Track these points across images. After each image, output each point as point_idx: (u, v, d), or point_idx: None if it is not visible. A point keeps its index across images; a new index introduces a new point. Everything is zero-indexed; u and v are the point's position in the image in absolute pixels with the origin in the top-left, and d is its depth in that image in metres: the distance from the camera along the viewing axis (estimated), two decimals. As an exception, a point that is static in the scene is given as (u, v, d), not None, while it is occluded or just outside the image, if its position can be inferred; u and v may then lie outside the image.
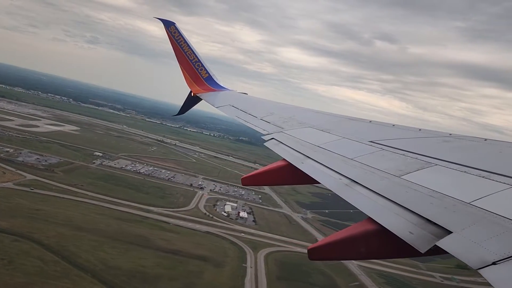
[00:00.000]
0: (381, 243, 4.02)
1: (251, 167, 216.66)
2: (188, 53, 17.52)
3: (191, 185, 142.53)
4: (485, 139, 5.92)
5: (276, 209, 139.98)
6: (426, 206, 3.92)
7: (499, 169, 4.40)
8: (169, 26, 17.33)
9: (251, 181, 6.93)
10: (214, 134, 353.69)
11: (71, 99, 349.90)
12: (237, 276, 76.91)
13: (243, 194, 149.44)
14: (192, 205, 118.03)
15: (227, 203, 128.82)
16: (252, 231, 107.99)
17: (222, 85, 18.18)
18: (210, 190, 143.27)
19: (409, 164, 5.20)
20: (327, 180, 5.42)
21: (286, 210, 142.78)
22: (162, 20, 17.53)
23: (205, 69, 17.86)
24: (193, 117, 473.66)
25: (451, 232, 3.32)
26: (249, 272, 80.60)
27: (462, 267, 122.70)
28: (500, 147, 5.51)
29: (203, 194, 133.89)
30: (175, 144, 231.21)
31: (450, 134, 6.53)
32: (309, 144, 7.25)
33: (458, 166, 4.76)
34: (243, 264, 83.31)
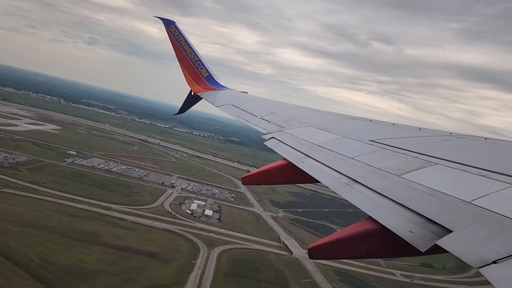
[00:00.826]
0: (381, 242, 4.03)
1: (233, 167, 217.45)
2: (188, 52, 17.54)
3: (163, 183, 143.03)
4: (485, 138, 5.91)
5: (247, 208, 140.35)
6: (426, 205, 3.92)
7: (500, 168, 4.38)
8: (169, 25, 17.35)
9: (251, 180, 6.95)
10: (204, 135, 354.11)
11: (61, 99, 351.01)
12: (182, 272, 77.28)
13: (215, 193, 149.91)
14: (157, 203, 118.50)
15: (195, 201, 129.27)
16: (214, 229, 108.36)
17: (222, 84, 18.24)
18: (182, 188, 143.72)
19: (409, 163, 5.20)
20: (327, 179, 5.44)
21: (257, 209, 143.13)
22: (162, 19, 17.55)
23: (205, 68, 17.90)
24: (187, 118, 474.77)
25: (452, 231, 3.32)
26: (197, 268, 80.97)
27: (427, 265, 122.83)
28: (500, 146, 5.48)
29: (172, 193, 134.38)
30: (159, 143, 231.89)
31: (451, 133, 6.55)
32: (309, 143, 7.25)
33: (459, 165, 4.76)
34: (193, 261, 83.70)
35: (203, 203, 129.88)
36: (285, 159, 6.68)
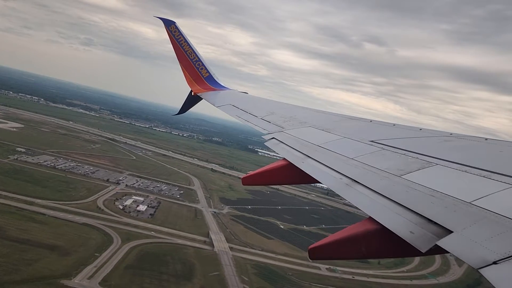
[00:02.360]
0: (381, 242, 4.04)
1: (198, 165, 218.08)
2: (189, 52, 17.58)
3: (108, 180, 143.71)
4: (486, 139, 5.92)
5: (191, 204, 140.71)
6: (426, 205, 3.93)
7: (500, 168, 4.39)
8: (170, 25, 17.36)
9: (251, 180, 6.99)
10: (183, 134, 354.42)
11: (42, 99, 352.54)
12: (78, 265, 77.84)
13: (163, 190, 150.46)
14: (90, 199, 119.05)
15: (133, 197, 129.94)
16: (141, 223, 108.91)
17: (222, 84, 18.30)
18: (127, 185, 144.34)
19: (409, 164, 5.22)
20: (328, 179, 5.48)
21: (202, 205, 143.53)
22: (162, 19, 17.58)
23: (206, 68, 17.97)
24: (174, 118, 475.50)
25: (452, 232, 3.34)
26: (97, 261, 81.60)
27: (362, 260, 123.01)
28: (501, 147, 5.49)
29: (114, 189, 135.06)
30: (125, 142, 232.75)
31: (451, 134, 6.56)
32: (309, 144, 7.27)
33: (459, 165, 4.76)
34: (96, 254, 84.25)
35: (142, 199, 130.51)
36: (286, 159, 6.73)
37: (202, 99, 17.14)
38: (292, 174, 6.48)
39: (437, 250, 3.35)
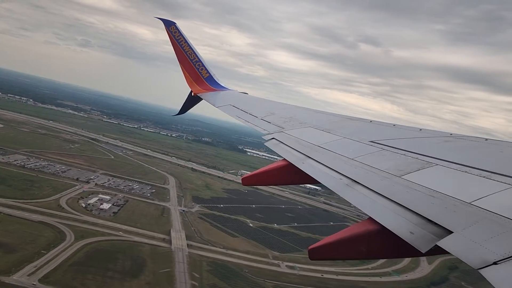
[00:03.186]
0: (381, 243, 4.06)
1: (178, 164, 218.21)
2: (189, 53, 17.59)
3: (77, 179, 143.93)
4: (486, 139, 5.93)
5: (160, 203, 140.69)
6: (426, 206, 3.94)
7: (500, 169, 4.40)
8: (170, 25, 17.39)
9: (251, 181, 7.02)
10: (172, 135, 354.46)
11: (30, 100, 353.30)
12: (22, 262, 77.99)
13: (134, 188, 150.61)
14: (53, 197, 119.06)
15: (99, 196, 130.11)
16: (100, 221, 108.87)
17: (222, 85, 18.33)
18: (96, 184, 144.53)
19: (409, 164, 5.23)
20: (328, 180, 5.49)
21: (172, 204, 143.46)
22: (162, 19, 17.60)
23: (206, 69, 17.98)
24: (166, 119, 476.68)
25: (452, 232, 3.35)
26: (44, 258, 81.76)
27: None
28: (501, 147, 5.49)
29: (82, 187, 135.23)
30: (107, 142, 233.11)
31: (451, 134, 6.57)
32: (309, 144, 7.29)
33: (459, 166, 4.77)
34: (43, 251, 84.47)
35: (108, 197, 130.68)
36: (286, 159, 6.75)
37: (202, 99, 17.22)
38: (292, 175, 6.49)
39: (437, 250, 3.36)
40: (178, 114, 18.84)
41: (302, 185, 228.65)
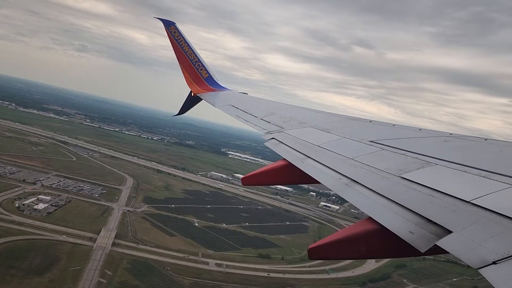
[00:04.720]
0: (381, 242, 4.07)
1: (144, 166, 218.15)
2: (188, 53, 17.65)
3: (24, 180, 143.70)
4: (485, 139, 5.95)
5: (105, 203, 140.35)
6: (426, 205, 3.96)
7: (499, 168, 4.42)
8: (169, 26, 17.45)
9: (251, 181, 7.07)
10: (153, 138, 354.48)
11: (12, 104, 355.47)
12: None
13: (84, 189, 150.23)
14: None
15: (40, 196, 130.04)
16: (29, 221, 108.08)
17: (222, 85, 18.35)
18: (42, 185, 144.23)
19: (409, 164, 5.25)
20: (327, 179, 5.53)
21: (118, 204, 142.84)
22: (162, 20, 17.68)
23: (205, 69, 18.03)
24: (153, 122, 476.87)
25: (451, 232, 3.36)
26: None
27: (264, 256, 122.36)
28: (501, 147, 5.52)
29: (24, 188, 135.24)
30: (76, 144, 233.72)
31: (451, 134, 6.60)
32: (309, 144, 7.33)
33: (458, 165, 4.80)
34: None
35: (48, 198, 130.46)
36: (285, 159, 6.78)
37: (202, 100, 17.22)
38: (292, 174, 6.50)
39: (437, 250, 3.35)
40: (178, 114, 18.88)
41: (273, 186, 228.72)
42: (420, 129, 7.26)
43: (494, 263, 2.76)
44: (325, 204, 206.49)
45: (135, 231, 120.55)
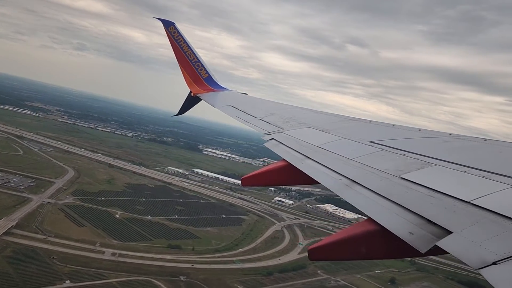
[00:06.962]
0: (381, 243, 4.07)
1: (96, 160, 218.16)
2: (188, 53, 17.61)
3: None
4: (485, 139, 5.97)
5: (27, 195, 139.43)
6: (426, 206, 3.95)
7: (499, 169, 4.43)
8: (169, 26, 17.39)
9: (251, 181, 7.06)
10: (127, 134, 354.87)
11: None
12: None
13: (12, 181, 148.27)
14: None
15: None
16: None
17: (222, 85, 18.36)
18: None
19: (409, 164, 5.25)
20: (327, 180, 5.51)
21: (42, 196, 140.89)
22: (162, 20, 17.63)
23: (205, 69, 18.00)
24: (140, 119, 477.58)
25: (451, 232, 3.35)
26: None
27: (174, 247, 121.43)
28: (500, 147, 5.53)
29: None
30: (32, 139, 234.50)
31: (450, 134, 6.60)
32: (309, 145, 7.33)
33: (458, 166, 4.80)
34: None
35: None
36: (285, 160, 6.77)
37: (201, 100, 17.18)
38: (292, 175, 6.51)
39: (437, 250, 3.36)
40: (178, 114, 18.80)
41: (225, 181, 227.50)
42: (419, 130, 7.19)
43: (494, 263, 2.75)
44: (279, 199, 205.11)
45: (42, 222, 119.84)
